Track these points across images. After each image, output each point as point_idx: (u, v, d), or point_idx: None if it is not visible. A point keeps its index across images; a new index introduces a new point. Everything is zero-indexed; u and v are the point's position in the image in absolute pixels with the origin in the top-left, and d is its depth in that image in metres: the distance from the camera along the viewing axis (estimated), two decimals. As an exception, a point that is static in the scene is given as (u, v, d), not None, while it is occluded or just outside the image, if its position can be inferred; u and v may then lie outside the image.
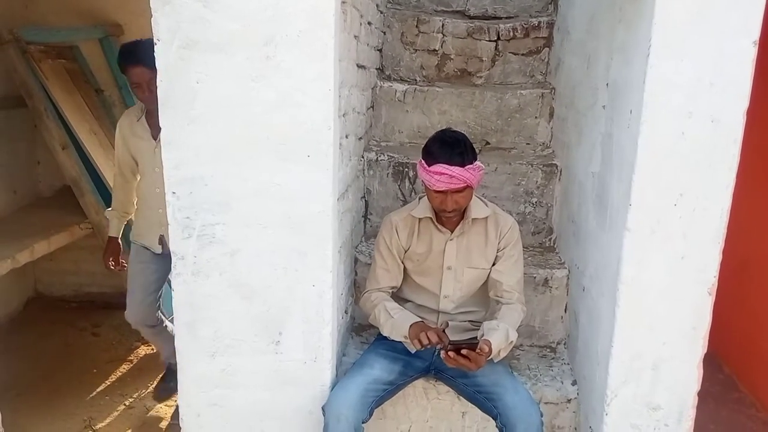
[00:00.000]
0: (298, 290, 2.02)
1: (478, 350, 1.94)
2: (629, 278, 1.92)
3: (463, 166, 2.05)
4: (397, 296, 2.38)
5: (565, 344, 2.64)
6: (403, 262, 2.31)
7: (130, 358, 3.86)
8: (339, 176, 2.15)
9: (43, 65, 3.70)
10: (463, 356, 1.94)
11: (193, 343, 2.07)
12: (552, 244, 2.90)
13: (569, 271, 2.60)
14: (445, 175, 2.05)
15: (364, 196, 2.90)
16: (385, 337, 2.30)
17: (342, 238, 2.29)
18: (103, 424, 3.17)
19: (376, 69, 3.20)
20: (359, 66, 2.57)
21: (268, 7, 1.81)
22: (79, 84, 4.05)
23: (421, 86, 3.15)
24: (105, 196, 3.75)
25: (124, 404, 3.36)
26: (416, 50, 3.32)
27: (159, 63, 1.86)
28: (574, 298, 2.53)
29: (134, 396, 3.43)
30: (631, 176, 1.86)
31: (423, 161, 2.12)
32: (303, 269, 1.99)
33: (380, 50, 3.28)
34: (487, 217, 2.26)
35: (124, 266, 3.12)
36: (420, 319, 2.17)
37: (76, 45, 4.18)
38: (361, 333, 2.65)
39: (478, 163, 2.11)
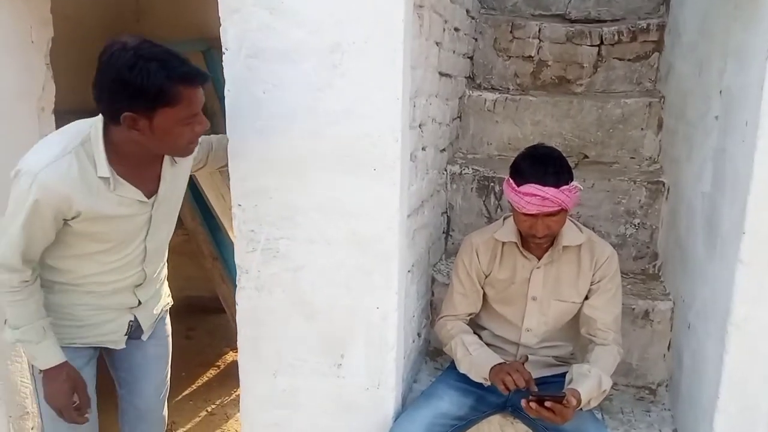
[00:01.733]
0: (361, 311, 1.90)
1: (564, 402, 1.72)
2: (741, 319, 1.64)
3: (557, 186, 1.83)
4: (475, 322, 2.19)
5: (666, 386, 2.33)
6: (483, 288, 2.13)
7: (218, 363, 3.92)
8: (411, 191, 2.02)
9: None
10: (547, 408, 1.72)
11: (255, 360, 2.00)
12: (656, 272, 2.60)
13: (674, 303, 2.30)
14: (536, 197, 1.84)
15: (446, 212, 2.74)
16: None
17: (414, 256, 2.15)
18: (184, 429, 3.22)
19: (466, 78, 3.04)
20: (442, 74, 2.43)
21: (335, 12, 1.72)
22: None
23: (513, 95, 2.95)
24: (199, 203, 3.84)
25: (207, 410, 3.40)
26: (510, 57, 3.13)
27: (227, 73, 1.82)
28: (678, 336, 2.23)
29: (217, 402, 3.47)
30: (746, 198, 1.58)
31: (511, 180, 1.92)
32: (367, 289, 1.87)
33: (471, 58, 3.11)
34: (581, 245, 2.01)
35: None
36: (501, 360, 1.96)
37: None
38: (436, 358, 2.49)
39: (575, 183, 1.88)
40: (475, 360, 1.98)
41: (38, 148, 1.61)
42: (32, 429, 2.47)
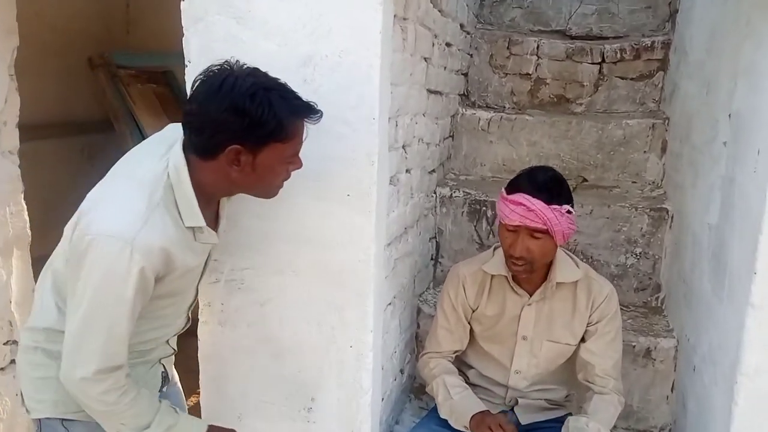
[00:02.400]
0: (333, 351, 1.73)
1: None
2: (751, 369, 1.46)
3: (548, 203, 1.67)
4: (461, 360, 2.02)
5: (669, 431, 2.15)
6: (469, 323, 1.96)
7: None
8: (392, 218, 1.86)
9: (132, 89, 3.71)
10: None
11: (220, 401, 1.83)
12: (659, 305, 2.42)
13: (678, 341, 2.12)
14: (522, 207, 1.68)
15: (435, 237, 2.58)
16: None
17: (395, 288, 1.98)
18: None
19: (459, 95, 2.89)
20: (431, 91, 2.28)
21: (307, 23, 1.56)
22: (168, 108, 4.06)
23: (508, 114, 2.79)
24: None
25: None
26: (506, 74, 2.98)
27: (190, 87, 1.66)
28: (682, 377, 2.05)
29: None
30: (758, 236, 1.41)
31: (504, 191, 1.78)
32: (340, 327, 1.70)
33: (465, 74, 2.97)
34: (577, 282, 1.84)
35: None
36: (483, 408, 1.80)
37: (170, 70, 4.21)
38: (421, 396, 2.31)
39: (568, 207, 1.71)
40: (457, 406, 1.81)
41: (112, 205, 1.28)
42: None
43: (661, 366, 2.14)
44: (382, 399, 1.92)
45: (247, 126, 1.26)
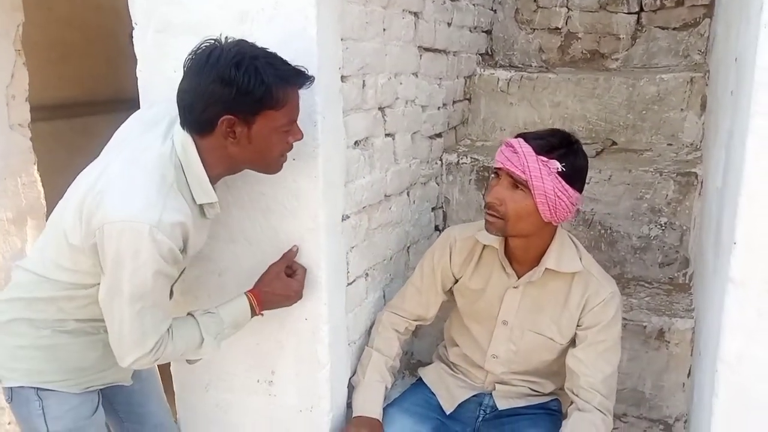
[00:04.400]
0: (288, 323, 1.66)
1: None
2: (732, 356, 1.24)
3: (538, 152, 1.48)
4: (449, 335, 1.89)
5: (685, 422, 1.92)
6: (452, 293, 1.82)
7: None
8: (359, 184, 1.75)
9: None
10: None
11: (188, 372, 1.80)
12: (687, 282, 2.16)
13: (696, 322, 1.87)
14: (510, 148, 1.52)
15: (441, 206, 2.42)
16: (424, 383, 1.85)
17: (370, 260, 1.87)
18: None
19: (479, 54, 2.69)
20: (426, 49, 2.11)
21: (243, -26, 1.47)
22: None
23: (530, 73, 2.57)
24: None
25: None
26: (534, 29, 2.75)
27: (138, 51, 1.62)
28: (695, 362, 1.81)
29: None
30: (737, 198, 1.18)
31: None
32: (295, 297, 1.62)
33: (488, 32, 2.76)
34: (574, 274, 1.63)
35: None
36: (374, 415, 1.68)
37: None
38: (416, 373, 2.19)
39: (558, 166, 1.47)
40: (357, 393, 1.73)
41: (128, 191, 1.25)
42: (8, 424, 2.44)
43: (677, 349, 1.90)
44: (353, 374, 1.82)
45: (236, 95, 1.24)
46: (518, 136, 1.55)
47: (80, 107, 3.53)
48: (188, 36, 1.53)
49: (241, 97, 1.23)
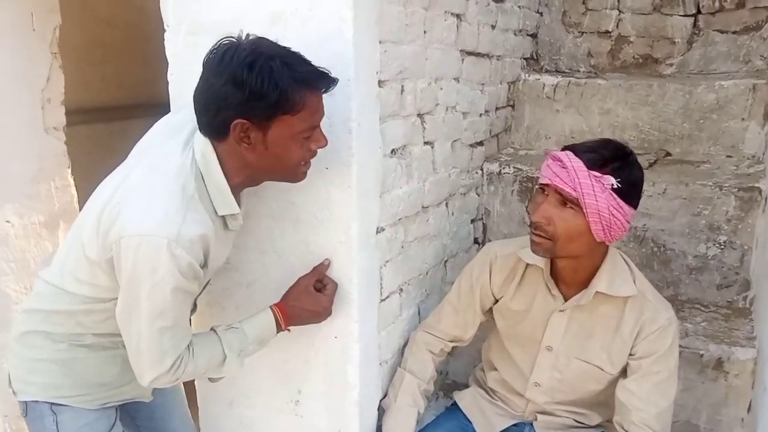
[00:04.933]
0: (318, 341, 1.57)
1: None
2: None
3: (589, 167, 1.35)
4: (487, 358, 1.77)
5: (745, 460, 1.76)
6: (491, 313, 1.71)
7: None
8: (396, 195, 1.65)
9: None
10: None
11: (211, 387, 1.74)
12: (747, 306, 2.00)
13: (758, 352, 1.72)
14: (558, 163, 1.38)
15: (481, 218, 2.31)
16: (459, 408, 1.74)
17: (404, 275, 1.77)
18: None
19: (524, 59, 2.57)
20: (469, 53, 2.01)
21: (277, -26, 1.40)
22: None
23: (578, 78, 2.44)
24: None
25: None
26: (582, 33, 2.62)
27: (169, 53, 1.56)
28: (758, 395, 1.66)
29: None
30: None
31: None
32: (325, 313, 1.53)
33: (533, 35, 2.64)
34: (628, 298, 1.49)
35: None
36: None
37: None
38: (450, 394, 2.08)
39: (613, 181, 1.33)
40: (388, 418, 1.64)
41: (146, 203, 1.18)
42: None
43: (736, 381, 1.75)
44: (384, 396, 1.73)
45: (248, 98, 1.15)
46: (566, 148, 1.43)
47: (121, 110, 3.52)
48: (219, 37, 1.47)
49: (254, 101, 1.14)
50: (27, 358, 1.36)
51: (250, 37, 1.21)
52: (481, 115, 2.20)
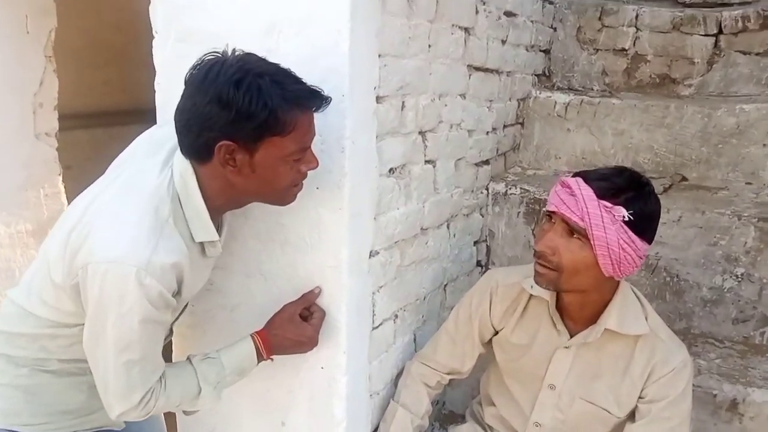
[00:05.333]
0: (303, 370, 1.48)
1: None
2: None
3: (600, 196, 1.25)
4: (485, 392, 1.67)
5: None
6: (486, 346, 1.60)
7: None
8: (392, 216, 1.56)
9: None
10: None
11: (191, 415, 1.65)
12: (765, 343, 1.88)
13: (777, 396, 1.61)
14: (566, 190, 1.29)
15: (485, 240, 2.21)
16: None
17: (400, 301, 1.67)
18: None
19: (535, 75, 2.48)
20: (476, 68, 1.92)
21: (270, -19, 1.31)
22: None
23: (591, 97, 2.34)
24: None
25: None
26: (597, 50, 2.52)
27: (157, 61, 1.49)
28: (776, 445, 1.54)
29: None
30: None
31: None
32: (310, 343, 1.44)
33: (546, 51, 2.54)
34: (639, 337, 1.38)
35: None
36: None
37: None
38: (446, 426, 1.97)
39: (625, 213, 1.23)
40: None
41: (116, 226, 1.09)
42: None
43: (752, 424, 1.63)
44: (375, 429, 1.63)
45: (235, 118, 1.07)
46: (577, 174, 1.33)
47: (122, 115, 3.46)
48: (211, 46, 1.38)
49: (241, 122, 1.06)
50: None
51: (237, 53, 1.12)
52: (488, 132, 2.10)
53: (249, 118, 1.06)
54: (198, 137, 1.10)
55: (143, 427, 1.55)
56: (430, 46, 1.62)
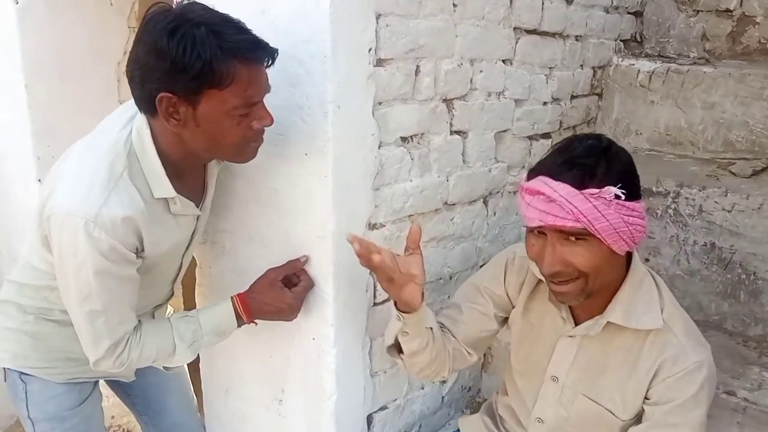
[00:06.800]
0: (297, 339, 1.46)
1: None
2: None
3: (578, 186, 1.09)
4: (502, 378, 1.54)
5: None
6: (507, 323, 1.46)
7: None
8: (401, 188, 1.47)
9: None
10: None
11: (211, 372, 1.71)
12: None
13: None
14: (540, 197, 1.12)
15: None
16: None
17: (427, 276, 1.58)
18: None
19: (621, 40, 2.22)
20: (528, 31, 1.75)
21: (263, -61, 1.28)
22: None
23: (678, 65, 2.05)
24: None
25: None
26: (697, 12, 2.21)
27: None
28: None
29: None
30: None
31: (525, 176, 1.23)
32: (303, 312, 1.41)
33: (638, 13, 2.26)
34: (650, 331, 1.20)
35: None
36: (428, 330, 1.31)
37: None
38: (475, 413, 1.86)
39: (614, 190, 1.07)
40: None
41: (71, 180, 1.13)
42: None
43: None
44: (382, 409, 1.57)
45: (170, 69, 1.05)
46: (532, 175, 1.16)
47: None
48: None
49: (177, 72, 1.03)
50: (1, 326, 1.39)
51: (183, 2, 1.09)
52: (545, 103, 1.92)
53: (184, 70, 1.03)
54: (142, 89, 1.09)
55: (161, 380, 1.63)
56: (455, 5, 1.50)
